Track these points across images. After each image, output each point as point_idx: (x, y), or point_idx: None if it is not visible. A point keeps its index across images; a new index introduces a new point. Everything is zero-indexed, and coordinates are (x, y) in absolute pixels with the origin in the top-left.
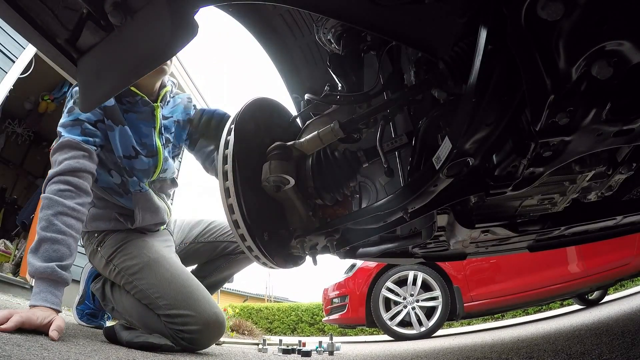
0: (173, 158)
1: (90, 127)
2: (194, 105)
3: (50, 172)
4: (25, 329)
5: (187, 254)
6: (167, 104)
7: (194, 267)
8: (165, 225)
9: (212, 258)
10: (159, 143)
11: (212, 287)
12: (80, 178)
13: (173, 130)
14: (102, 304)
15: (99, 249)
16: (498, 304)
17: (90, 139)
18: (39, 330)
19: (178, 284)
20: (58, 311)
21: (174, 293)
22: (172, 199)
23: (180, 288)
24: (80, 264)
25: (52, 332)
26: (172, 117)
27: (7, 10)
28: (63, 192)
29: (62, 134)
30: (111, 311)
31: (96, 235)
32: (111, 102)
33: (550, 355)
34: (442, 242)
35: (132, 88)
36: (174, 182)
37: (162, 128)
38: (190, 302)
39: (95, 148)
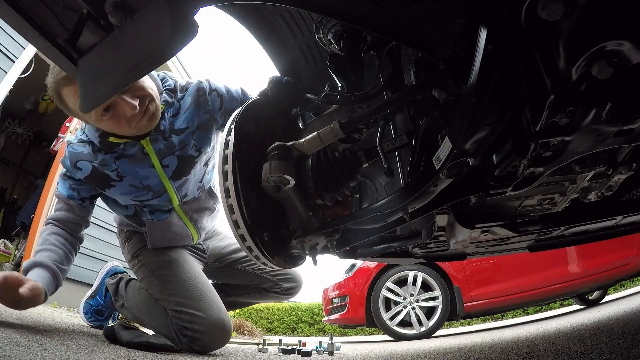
0: (206, 164)
1: (75, 184)
2: (214, 90)
3: (49, 215)
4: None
5: (219, 273)
6: (177, 117)
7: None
8: (199, 240)
9: (243, 284)
10: (164, 180)
11: (232, 305)
12: (64, 227)
13: (193, 140)
14: (114, 299)
15: (126, 244)
16: (498, 304)
17: (75, 193)
18: (14, 285)
19: (192, 285)
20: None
21: (186, 292)
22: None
23: (193, 289)
24: (86, 266)
25: (23, 289)
26: (188, 128)
27: (7, 10)
28: (54, 228)
29: (57, 184)
30: (120, 307)
31: (125, 231)
32: (88, 169)
33: (550, 355)
34: (442, 242)
35: (112, 139)
36: (212, 194)
37: (170, 156)
38: (199, 303)
39: (81, 202)
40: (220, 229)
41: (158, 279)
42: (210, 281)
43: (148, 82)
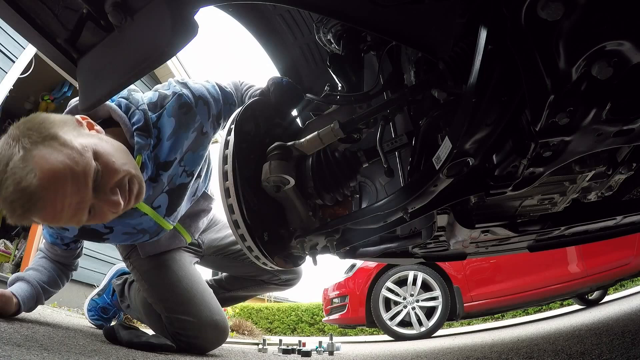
0: (198, 176)
1: (58, 232)
2: (199, 98)
3: (39, 246)
4: None
5: (219, 263)
6: (159, 146)
7: (216, 272)
8: (193, 239)
9: (242, 276)
10: (159, 221)
11: (231, 301)
12: (54, 260)
13: (181, 167)
14: (120, 299)
15: (118, 245)
16: (498, 304)
17: (58, 240)
18: None
19: (181, 288)
20: (14, 295)
21: (175, 296)
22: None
23: (183, 292)
24: (86, 266)
25: None
26: (176, 159)
27: (7, 10)
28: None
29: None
30: (126, 308)
31: None
32: (74, 229)
33: (550, 355)
34: (442, 242)
35: None
36: (206, 197)
37: (159, 195)
38: (189, 307)
39: (65, 247)
40: (219, 216)
41: (148, 283)
42: (204, 279)
43: (118, 156)
